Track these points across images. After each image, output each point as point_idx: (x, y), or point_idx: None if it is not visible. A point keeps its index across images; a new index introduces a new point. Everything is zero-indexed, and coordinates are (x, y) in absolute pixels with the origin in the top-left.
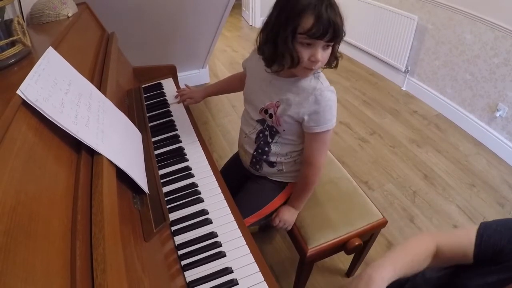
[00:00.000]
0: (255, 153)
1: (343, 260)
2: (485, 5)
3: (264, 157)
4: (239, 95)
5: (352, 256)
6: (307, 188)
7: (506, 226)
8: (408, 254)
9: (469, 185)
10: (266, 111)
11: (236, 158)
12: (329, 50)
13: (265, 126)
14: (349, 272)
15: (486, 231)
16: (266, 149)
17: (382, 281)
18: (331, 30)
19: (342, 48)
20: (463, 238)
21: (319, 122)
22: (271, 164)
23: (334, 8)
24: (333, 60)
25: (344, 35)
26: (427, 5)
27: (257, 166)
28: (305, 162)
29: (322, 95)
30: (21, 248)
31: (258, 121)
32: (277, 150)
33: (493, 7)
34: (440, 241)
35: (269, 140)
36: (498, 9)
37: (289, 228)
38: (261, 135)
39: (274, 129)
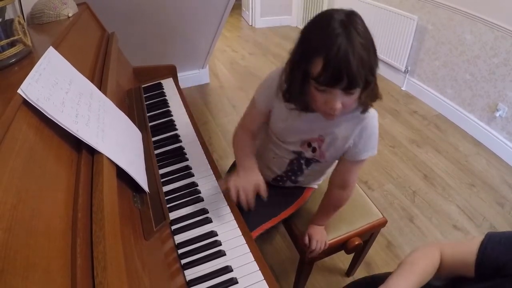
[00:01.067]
0: (283, 174)
1: (343, 259)
2: (485, 6)
3: (293, 178)
4: (239, 95)
5: (352, 255)
6: (338, 209)
7: (510, 241)
8: (417, 273)
9: (469, 185)
10: (309, 144)
11: None
12: (354, 96)
13: (302, 156)
14: (349, 272)
15: (490, 242)
16: (298, 173)
17: None
18: (346, 78)
19: None
20: (465, 249)
21: (364, 150)
22: (296, 182)
23: (354, 47)
24: (364, 103)
25: (372, 78)
26: (427, 5)
27: (280, 183)
28: (338, 186)
29: (368, 123)
30: (21, 246)
31: (294, 151)
32: (309, 173)
33: (493, 7)
34: (443, 251)
35: (304, 167)
36: (498, 10)
37: (327, 245)
38: (295, 161)
39: (314, 160)
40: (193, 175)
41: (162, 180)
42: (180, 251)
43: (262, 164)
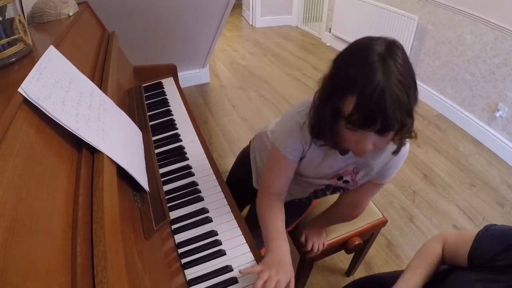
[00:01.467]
0: (303, 198)
1: (343, 259)
2: (485, 6)
3: (312, 198)
4: (239, 94)
5: (352, 255)
6: (345, 222)
7: (504, 234)
8: (425, 266)
9: (469, 185)
10: (339, 178)
11: (243, 173)
12: (387, 137)
13: (327, 187)
14: (349, 272)
15: (485, 235)
16: (320, 197)
17: None
18: (380, 121)
19: (342, 47)
20: (464, 238)
21: (391, 173)
22: (311, 200)
23: (392, 87)
24: (398, 144)
25: (409, 120)
26: (428, 5)
27: (296, 201)
28: (351, 205)
29: (403, 150)
30: (22, 244)
31: (322, 185)
32: (331, 194)
33: (493, 7)
34: (447, 240)
35: (328, 193)
36: (499, 10)
37: (325, 246)
38: (319, 191)
39: (344, 189)
40: (193, 175)
41: (162, 179)
42: (180, 250)
43: None
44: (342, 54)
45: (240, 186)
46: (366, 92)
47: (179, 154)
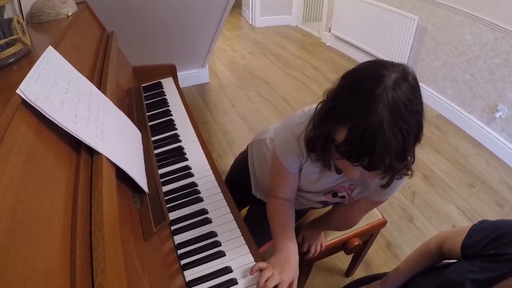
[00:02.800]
0: (301, 210)
1: (342, 260)
2: (485, 6)
3: (310, 210)
4: (239, 94)
5: (351, 256)
6: (339, 231)
7: (496, 225)
8: (411, 264)
9: (468, 185)
10: (335, 194)
11: (242, 179)
12: (376, 172)
13: (323, 203)
14: (348, 272)
15: (478, 226)
16: (318, 209)
17: None
18: (367, 159)
19: (342, 47)
20: (460, 232)
21: (388, 194)
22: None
23: (387, 133)
24: (388, 180)
25: (399, 165)
26: (428, 5)
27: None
28: (345, 218)
29: None
30: (20, 247)
31: (317, 201)
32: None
33: (493, 8)
34: (444, 238)
35: (325, 207)
36: (499, 10)
37: (323, 247)
38: (316, 206)
39: (339, 204)
40: (192, 175)
41: (161, 180)
42: (180, 251)
43: None
44: (350, 76)
45: (239, 190)
46: (358, 128)
47: (179, 154)
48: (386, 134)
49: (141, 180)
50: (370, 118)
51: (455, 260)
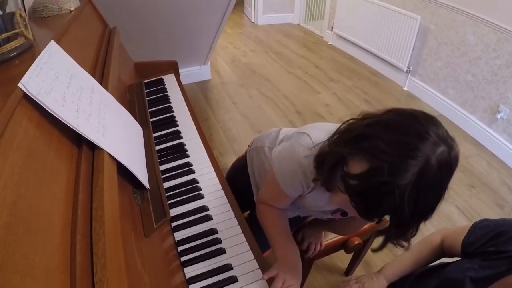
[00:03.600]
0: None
1: (342, 259)
2: (488, 7)
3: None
4: (240, 92)
5: (351, 255)
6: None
7: (496, 223)
8: (412, 254)
9: (469, 186)
10: (344, 214)
11: (243, 185)
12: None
13: (329, 219)
14: (348, 271)
15: (479, 224)
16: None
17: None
18: (365, 207)
19: (344, 46)
20: (461, 230)
21: None
22: None
23: (410, 195)
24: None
25: (399, 231)
26: (430, 5)
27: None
28: (346, 227)
29: None
30: (21, 242)
31: (323, 218)
32: None
33: (496, 8)
34: (446, 234)
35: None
36: (501, 11)
37: (323, 246)
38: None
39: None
40: (193, 172)
41: (162, 176)
42: (180, 248)
43: None
44: (400, 116)
45: (239, 194)
46: (380, 175)
47: (180, 151)
48: (404, 198)
49: (142, 176)
50: (399, 174)
51: (455, 259)
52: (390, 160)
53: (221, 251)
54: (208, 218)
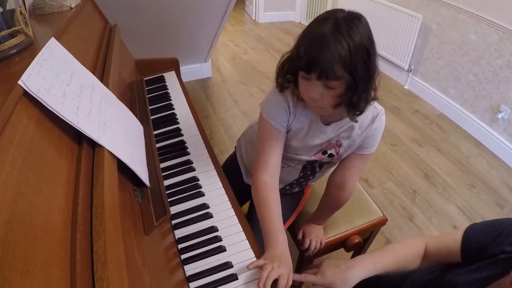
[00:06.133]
0: (294, 182)
1: (342, 257)
2: (490, 6)
3: (304, 183)
4: (241, 89)
5: (351, 253)
6: (336, 210)
7: (491, 225)
8: (393, 253)
9: (469, 185)
10: (324, 152)
11: (234, 175)
12: (334, 91)
13: (316, 162)
14: None
15: (472, 230)
16: (311, 177)
17: (354, 279)
18: (318, 68)
19: None
20: (449, 238)
21: (371, 145)
22: (305, 186)
23: (334, 41)
24: (354, 105)
25: (352, 78)
26: (432, 4)
27: (288, 191)
28: (338, 186)
29: (380, 120)
30: (21, 240)
31: (308, 161)
32: (320, 175)
33: (498, 8)
34: (428, 244)
35: (317, 170)
36: (503, 11)
37: (323, 244)
38: (308, 167)
39: (330, 163)
40: (194, 170)
41: (163, 174)
42: (180, 246)
43: None
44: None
45: (234, 183)
46: (307, 39)
47: (180, 148)
48: (330, 41)
49: (143, 173)
50: (323, 29)
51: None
52: (310, 32)
53: (222, 249)
54: (209, 216)
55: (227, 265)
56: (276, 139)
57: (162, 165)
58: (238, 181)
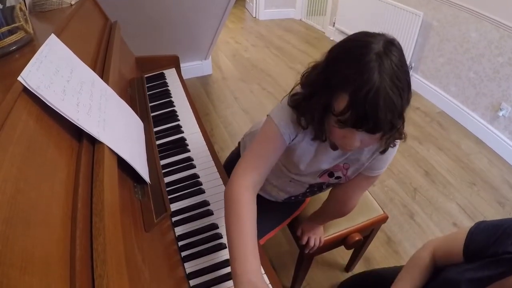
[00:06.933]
0: (299, 195)
1: (342, 255)
2: (491, 4)
3: (309, 195)
4: (241, 87)
5: (351, 251)
6: (336, 218)
7: (495, 225)
8: (412, 276)
9: (470, 183)
10: (330, 174)
11: None
12: (376, 136)
13: (322, 184)
14: (348, 267)
15: (476, 229)
16: (318, 192)
17: None
18: (372, 122)
19: None
20: (455, 237)
21: (380, 167)
22: (308, 197)
23: (386, 88)
24: (386, 143)
25: (399, 122)
26: (433, 1)
27: (292, 200)
28: (340, 201)
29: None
30: (20, 237)
31: (312, 184)
32: (328, 189)
33: (499, 5)
34: (435, 246)
35: (324, 187)
36: (504, 8)
37: (322, 241)
38: (315, 185)
39: (338, 183)
40: (194, 167)
41: (163, 171)
42: (181, 243)
43: (272, 187)
44: (339, 47)
45: None
46: (361, 92)
47: (181, 146)
48: (387, 91)
49: (143, 170)
50: (370, 79)
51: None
52: (356, 77)
53: (222, 247)
54: (209, 213)
55: (227, 263)
56: (277, 146)
57: (163, 162)
58: None
